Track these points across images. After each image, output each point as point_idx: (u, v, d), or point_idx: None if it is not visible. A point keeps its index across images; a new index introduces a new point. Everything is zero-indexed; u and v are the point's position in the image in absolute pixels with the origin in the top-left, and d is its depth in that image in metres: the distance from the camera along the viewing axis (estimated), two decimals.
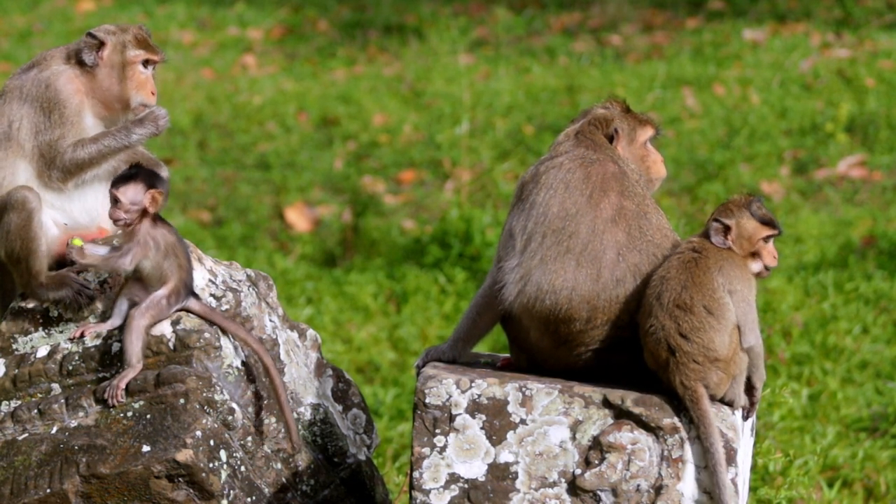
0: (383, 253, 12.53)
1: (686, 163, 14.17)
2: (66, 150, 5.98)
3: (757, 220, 5.49)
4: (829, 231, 12.35)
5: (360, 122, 16.07)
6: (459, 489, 5.40)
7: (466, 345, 5.79)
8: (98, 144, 6.00)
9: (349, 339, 10.65)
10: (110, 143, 6.01)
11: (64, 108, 6.01)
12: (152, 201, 5.72)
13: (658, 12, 20.00)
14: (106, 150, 6.00)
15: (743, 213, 5.50)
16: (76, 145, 5.99)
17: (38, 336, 5.99)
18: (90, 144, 6.00)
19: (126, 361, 5.70)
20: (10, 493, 5.66)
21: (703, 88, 16.40)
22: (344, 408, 6.23)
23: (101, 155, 6.00)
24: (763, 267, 5.51)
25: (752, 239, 5.49)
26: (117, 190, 5.71)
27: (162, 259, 5.72)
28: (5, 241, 5.99)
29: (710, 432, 5.26)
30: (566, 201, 5.55)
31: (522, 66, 17.97)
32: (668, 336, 5.35)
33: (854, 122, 14.86)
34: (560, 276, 5.50)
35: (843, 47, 17.60)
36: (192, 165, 15.03)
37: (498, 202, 13.27)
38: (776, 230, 5.52)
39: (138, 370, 5.71)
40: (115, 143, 6.01)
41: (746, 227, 5.48)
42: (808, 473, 7.73)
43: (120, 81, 6.07)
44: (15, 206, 5.95)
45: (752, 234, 5.48)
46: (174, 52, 19.44)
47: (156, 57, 6.12)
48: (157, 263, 5.72)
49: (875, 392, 9.50)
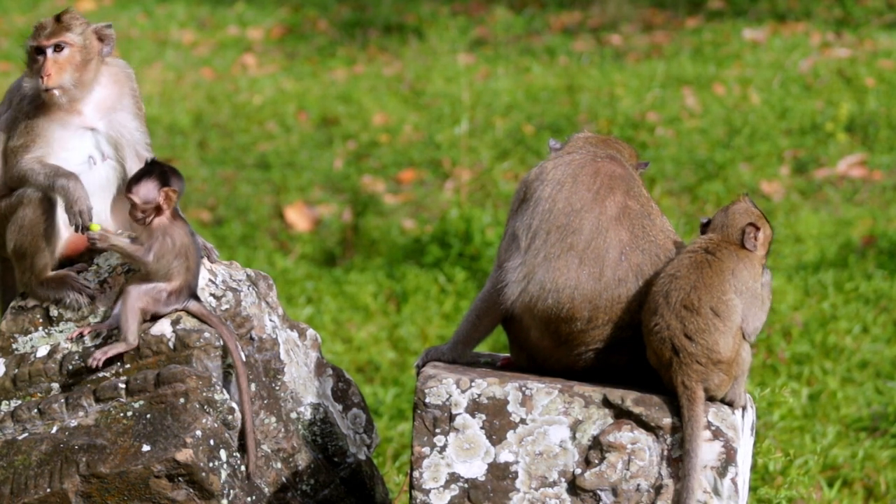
0: (383, 252, 12.53)
1: (686, 162, 14.17)
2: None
3: (769, 225, 5.57)
4: (829, 231, 12.34)
5: (360, 121, 16.07)
6: (459, 489, 5.40)
7: (467, 347, 5.79)
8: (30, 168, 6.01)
9: (349, 338, 10.65)
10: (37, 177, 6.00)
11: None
12: (166, 199, 5.73)
13: (658, 12, 20.00)
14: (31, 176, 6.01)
15: (760, 214, 5.55)
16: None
17: (39, 336, 5.99)
18: (28, 163, 6.01)
19: (121, 336, 5.70)
20: (10, 493, 5.66)
21: (702, 88, 16.40)
22: (344, 407, 6.23)
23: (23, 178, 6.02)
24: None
25: (767, 239, 5.56)
26: (131, 192, 5.75)
27: (173, 258, 5.73)
28: (17, 235, 6.00)
29: (695, 435, 5.26)
30: (572, 196, 5.55)
31: (522, 66, 17.97)
32: (674, 336, 5.35)
33: (854, 121, 14.86)
34: (563, 274, 5.50)
35: (843, 47, 17.60)
36: (192, 165, 15.03)
37: (498, 202, 13.27)
38: (772, 231, 5.65)
39: (130, 348, 5.70)
40: (41, 178, 5.99)
41: (766, 228, 5.55)
42: (808, 473, 7.73)
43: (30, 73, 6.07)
44: (30, 203, 5.97)
45: (767, 236, 5.55)
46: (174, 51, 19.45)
47: (33, 42, 6.03)
48: (167, 260, 5.73)
49: (875, 392, 9.50)
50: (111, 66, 6.18)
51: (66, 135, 6.05)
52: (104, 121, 6.09)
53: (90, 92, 6.07)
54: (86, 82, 6.04)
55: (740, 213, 5.54)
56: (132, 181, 5.77)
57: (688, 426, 5.27)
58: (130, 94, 6.19)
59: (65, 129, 6.05)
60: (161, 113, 16.35)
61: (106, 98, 6.12)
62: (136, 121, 6.16)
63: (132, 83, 6.22)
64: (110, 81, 6.15)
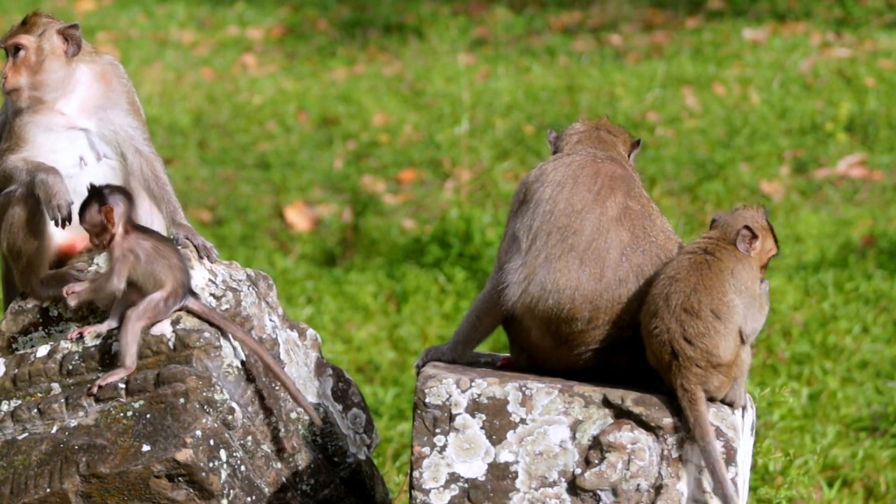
0: (383, 252, 12.53)
1: (686, 162, 14.17)
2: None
3: (773, 237, 5.53)
4: (829, 231, 12.34)
5: (360, 121, 16.07)
6: (459, 489, 5.40)
7: (467, 348, 5.79)
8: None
9: (349, 338, 10.65)
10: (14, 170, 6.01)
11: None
12: (107, 218, 5.72)
13: (658, 12, 20.00)
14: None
15: (766, 225, 5.53)
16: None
17: (38, 336, 5.99)
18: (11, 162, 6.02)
19: (119, 361, 5.69)
20: (10, 493, 5.66)
21: (702, 88, 16.41)
22: (344, 407, 6.23)
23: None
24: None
25: (766, 253, 5.52)
26: (81, 220, 5.75)
27: (148, 266, 5.71)
28: (8, 233, 5.98)
29: (705, 432, 5.27)
30: (573, 197, 5.55)
31: (522, 66, 17.97)
32: (673, 339, 5.35)
33: (854, 121, 14.86)
34: (564, 275, 5.50)
35: (843, 47, 17.60)
36: (192, 165, 15.03)
37: (498, 202, 13.27)
38: (779, 250, 5.61)
39: (129, 371, 5.69)
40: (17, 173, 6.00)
41: (767, 241, 5.52)
42: (808, 473, 7.73)
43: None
44: (19, 201, 5.95)
45: (768, 250, 5.53)
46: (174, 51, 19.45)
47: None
48: (145, 271, 5.71)
49: (875, 391, 9.50)
50: (94, 64, 6.10)
51: (52, 137, 6.01)
52: (94, 120, 6.04)
53: (70, 92, 6.02)
54: (49, 83, 5.98)
55: (744, 217, 5.54)
56: (79, 211, 5.77)
57: (696, 426, 5.27)
58: (121, 91, 6.11)
59: (50, 131, 6.01)
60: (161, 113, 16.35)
61: (91, 97, 6.06)
62: (130, 117, 6.09)
63: (122, 79, 6.14)
64: (94, 80, 6.08)
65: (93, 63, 6.10)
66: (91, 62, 6.10)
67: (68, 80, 6.02)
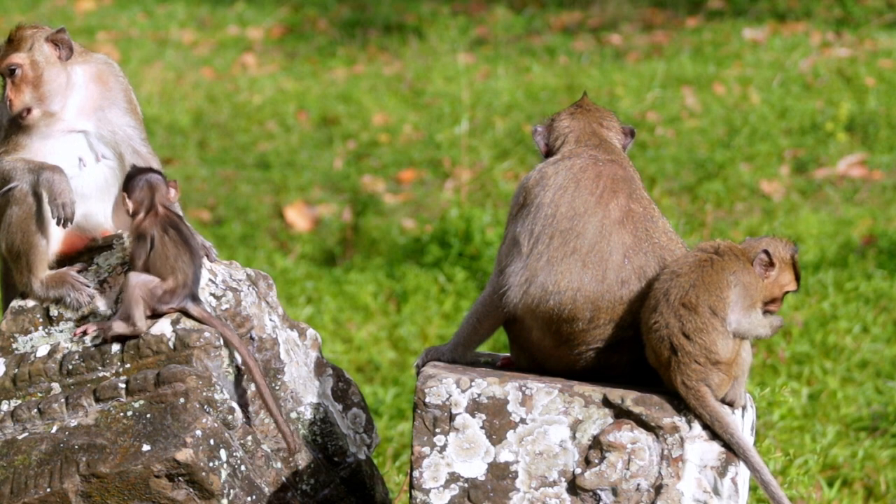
0: (383, 252, 12.53)
1: (686, 162, 14.17)
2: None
3: (794, 273, 5.51)
4: (829, 230, 12.34)
5: (360, 121, 16.07)
6: (459, 488, 5.40)
7: (467, 349, 5.79)
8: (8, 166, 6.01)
9: (349, 338, 10.65)
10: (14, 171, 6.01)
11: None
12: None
13: (658, 11, 20.00)
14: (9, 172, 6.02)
15: (789, 259, 5.50)
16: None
17: (39, 335, 5.99)
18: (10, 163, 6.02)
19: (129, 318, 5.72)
20: (10, 493, 5.66)
21: (702, 88, 16.41)
22: (344, 407, 6.23)
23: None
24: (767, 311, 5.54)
25: (781, 287, 5.51)
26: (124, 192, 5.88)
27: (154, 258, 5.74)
28: (6, 233, 5.97)
29: (726, 424, 5.27)
30: (576, 200, 5.55)
31: (522, 66, 17.97)
32: (672, 335, 5.35)
33: (854, 121, 14.86)
34: (565, 276, 5.50)
35: (843, 46, 17.60)
36: (192, 165, 15.03)
37: (498, 201, 13.27)
38: (798, 287, 5.56)
39: (138, 332, 5.70)
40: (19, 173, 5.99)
41: (785, 275, 5.50)
42: (808, 473, 7.73)
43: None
44: (17, 200, 5.94)
45: (784, 283, 5.50)
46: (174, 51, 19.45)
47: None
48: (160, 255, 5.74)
49: (875, 391, 9.50)
50: (89, 65, 6.08)
51: (49, 143, 5.99)
52: (93, 121, 6.03)
53: (67, 97, 6.01)
54: (53, 92, 5.97)
55: (769, 243, 5.52)
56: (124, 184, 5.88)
57: (714, 421, 5.28)
58: (118, 90, 6.09)
59: (47, 137, 6.00)
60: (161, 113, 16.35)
61: (89, 98, 6.04)
62: (128, 116, 6.08)
63: (118, 77, 6.12)
64: (90, 81, 6.06)
65: (87, 64, 6.08)
66: (85, 63, 6.07)
67: (69, 85, 6.01)
